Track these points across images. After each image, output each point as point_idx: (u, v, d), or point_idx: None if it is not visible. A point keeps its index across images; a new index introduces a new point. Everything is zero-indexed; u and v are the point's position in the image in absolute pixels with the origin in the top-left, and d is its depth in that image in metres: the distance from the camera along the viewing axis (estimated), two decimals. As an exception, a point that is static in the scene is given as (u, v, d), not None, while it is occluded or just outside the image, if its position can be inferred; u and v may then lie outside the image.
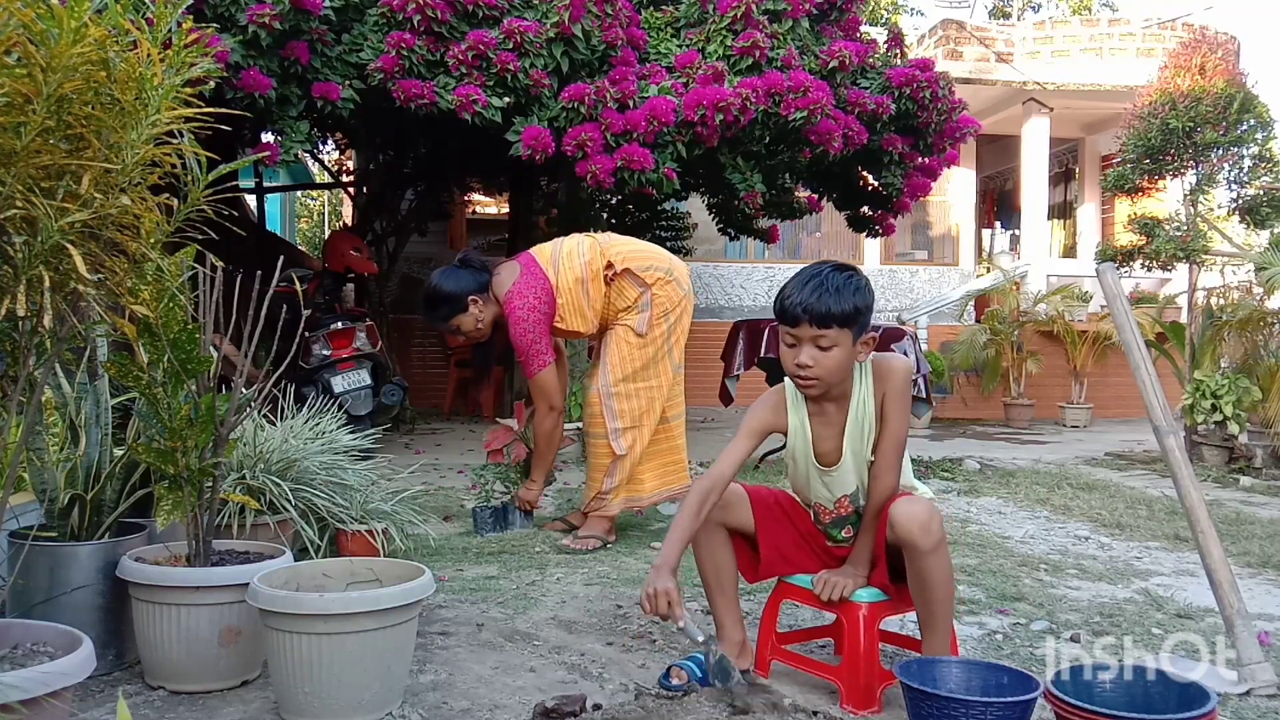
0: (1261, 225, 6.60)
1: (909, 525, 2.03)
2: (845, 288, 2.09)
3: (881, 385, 2.18)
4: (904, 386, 2.17)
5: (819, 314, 2.07)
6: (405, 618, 2.04)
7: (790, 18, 5.80)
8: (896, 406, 2.17)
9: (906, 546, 2.05)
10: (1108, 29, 11.08)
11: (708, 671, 2.13)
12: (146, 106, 1.68)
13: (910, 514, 2.05)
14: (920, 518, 2.03)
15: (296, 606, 1.96)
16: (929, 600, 2.10)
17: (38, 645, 1.70)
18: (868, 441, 2.19)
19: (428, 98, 5.07)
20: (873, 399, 2.18)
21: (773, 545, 2.31)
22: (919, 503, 2.10)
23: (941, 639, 2.13)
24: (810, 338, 2.09)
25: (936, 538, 2.03)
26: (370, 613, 1.97)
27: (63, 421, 2.35)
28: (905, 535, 2.04)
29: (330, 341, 6.16)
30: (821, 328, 2.08)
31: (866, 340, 2.14)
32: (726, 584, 2.32)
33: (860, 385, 2.20)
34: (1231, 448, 6.27)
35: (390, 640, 2.01)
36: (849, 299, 2.08)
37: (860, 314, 2.10)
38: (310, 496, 2.96)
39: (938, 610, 2.11)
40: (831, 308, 2.07)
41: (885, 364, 2.21)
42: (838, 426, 2.21)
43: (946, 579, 2.09)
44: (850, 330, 2.09)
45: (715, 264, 11.73)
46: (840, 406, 2.21)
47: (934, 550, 2.03)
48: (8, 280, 1.56)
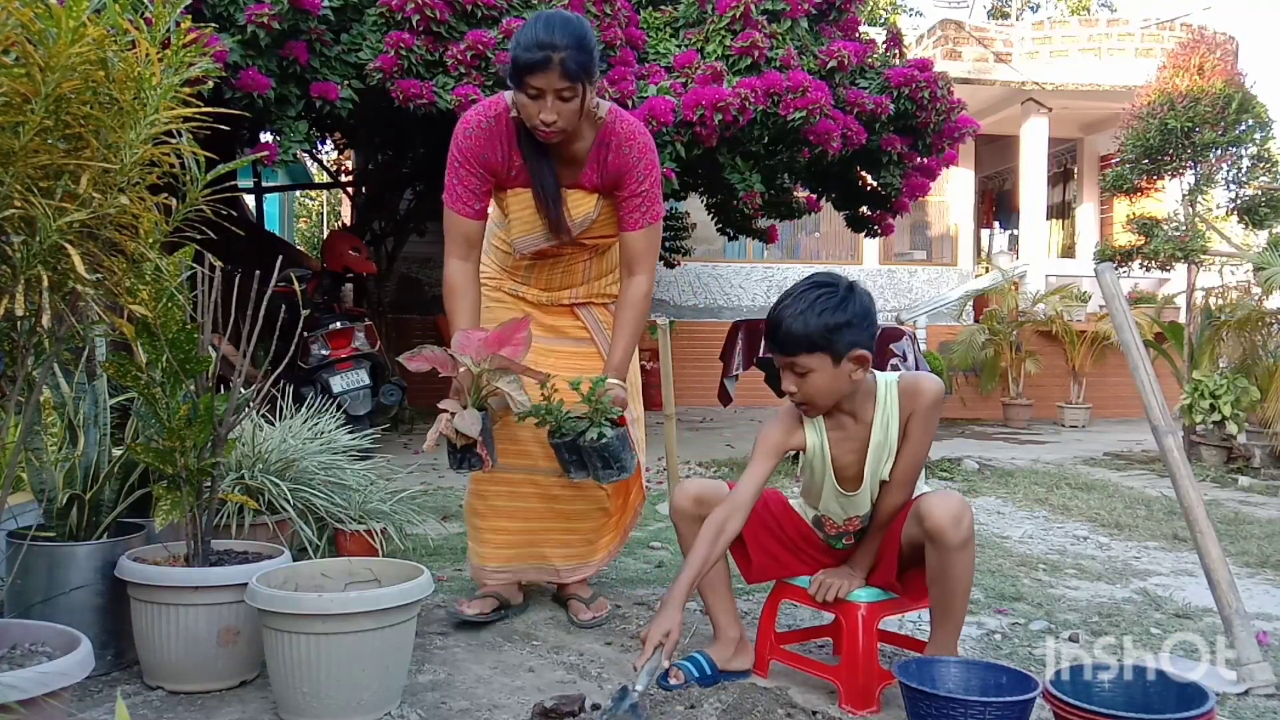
0: (1260, 225, 6.60)
1: (942, 517, 2.00)
2: (810, 310, 2.01)
3: (909, 405, 2.12)
4: (931, 409, 2.11)
5: (781, 343, 2.05)
6: (404, 618, 2.04)
7: (789, 18, 5.80)
8: (921, 428, 2.12)
9: (936, 539, 2.01)
10: (1106, 29, 11.09)
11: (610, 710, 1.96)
12: (145, 106, 1.68)
13: (945, 507, 2.01)
14: (954, 511, 2.01)
15: (295, 606, 1.96)
16: (948, 594, 2.08)
17: (36, 645, 1.70)
18: (886, 463, 2.15)
19: (426, 97, 5.07)
20: (897, 420, 2.12)
21: (762, 550, 2.30)
22: (952, 496, 2.06)
23: (952, 635, 2.13)
24: (785, 365, 2.07)
25: (966, 534, 2.01)
26: (369, 613, 1.96)
27: (61, 421, 2.35)
28: (936, 528, 2.00)
29: (329, 341, 6.16)
30: (789, 355, 2.04)
31: (855, 358, 2.04)
32: (718, 583, 2.32)
33: (884, 404, 2.13)
34: (1230, 447, 6.28)
35: (389, 640, 2.01)
36: (814, 321, 2.00)
37: (832, 333, 2.01)
38: (309, 496, 2.95)
39: (955, 606, 2.10)
40: (794, 334, 2.02)
41: (914, 384, 2.14)
42: (859, 443, 2.15)
43: (968, 576, 2.08)
44: (824, 354, 2.02)
45: (714, 264, 11.74)
46: (860, 423, 2.15)
47: (962, 546, 2.01)
48: (6, 280, 1.56)
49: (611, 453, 2.38)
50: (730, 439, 7.62)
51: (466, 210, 2.53)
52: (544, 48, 2.27)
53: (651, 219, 2.56)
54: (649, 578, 3.25)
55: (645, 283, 2.60)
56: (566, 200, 2.55)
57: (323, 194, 16.83)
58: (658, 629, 2.00)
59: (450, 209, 2.55)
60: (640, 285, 2.59)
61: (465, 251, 2.56)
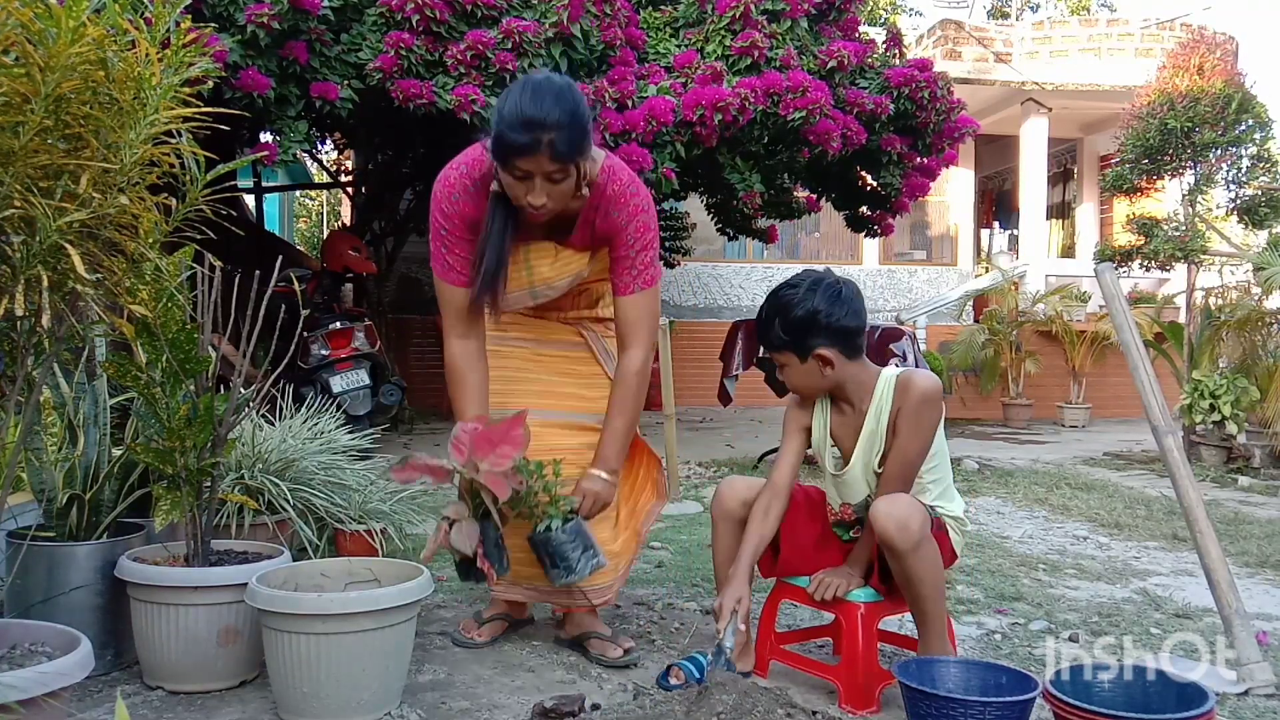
0: (1259, 225, 6.61)
1: (886, 524, 2.00)
2: (773, 311, 2.18)
3: (900, 401, 2.14)
4: (918, 405, 2.11)
5: (762, 337, 2.23)
6: (404, 618, 2.04)
7: (789, 18, 5.80)
8: (907, 425, 2.12)
9: (887, 548, 2.03)
10: (1106, 29, 11.09)
11: (704, 667, 2.14)
12: (145, 106, 1.68)
13: (887, 513, 2.01)
14: (899, 516, 2.00)
15: (295, 606, 1.96)
16: (916, 599, 2.09)
17: (36, 645, 1.70)
18: (877, 453, 2.18)
19: (426, 97, 5.06)
20: (889, 409, 2.16)
21: (795, 544, 2.30)
22: (899, 500, 2.05)
23: (937, 638, 2.13)
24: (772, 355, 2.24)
25: (916, 538, 1.99)
26: (369, 613, 1.96)
27: (61, 421, 2.35)
28: (882, 535, 2.01)
29: (329, 341, 6.16)
30: (769, 350, 2.23)
31: (818, 356, 2.15)
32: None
33: (879, 394, 2.18)
34: (1230, 447, 6.28)
35: (389, 640, 2.01)
36: (775, 324, 2.17)
37: (795, 334, 2.15)
38: (309, 496, 2.95)
39: (927, 607, 2.10)
40: (766, 332, 2.21)
41: (906, 380, 2.17)
42: (853, 430, 2.23)
43: (932, 576, 2.05)
44: (790, 352, 2.18)
45: (714, 264, 11.74)
46: (857, 410, 2.22)
47: (914, 550, 2.00)
48: (6, 280, 1.56)
49: (555, 549, 2.16)
50: (730, 439, 7.62)
51: (460, 280, 2.27)
52: (532, 128, 2.00)
53: (644, 284, 2.29)
54: (649, 578, 3.25)
55: (639, 358, 2.30)
56: (557, 256, 2.32)
57: (323, 194, 16.82)
58: (730, 597, 2.14)
59: (442, 280, 2.29)
60: (633, 360, 2.29)
61: (465, 328, 2.30)
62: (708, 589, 2.97)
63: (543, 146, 2.01)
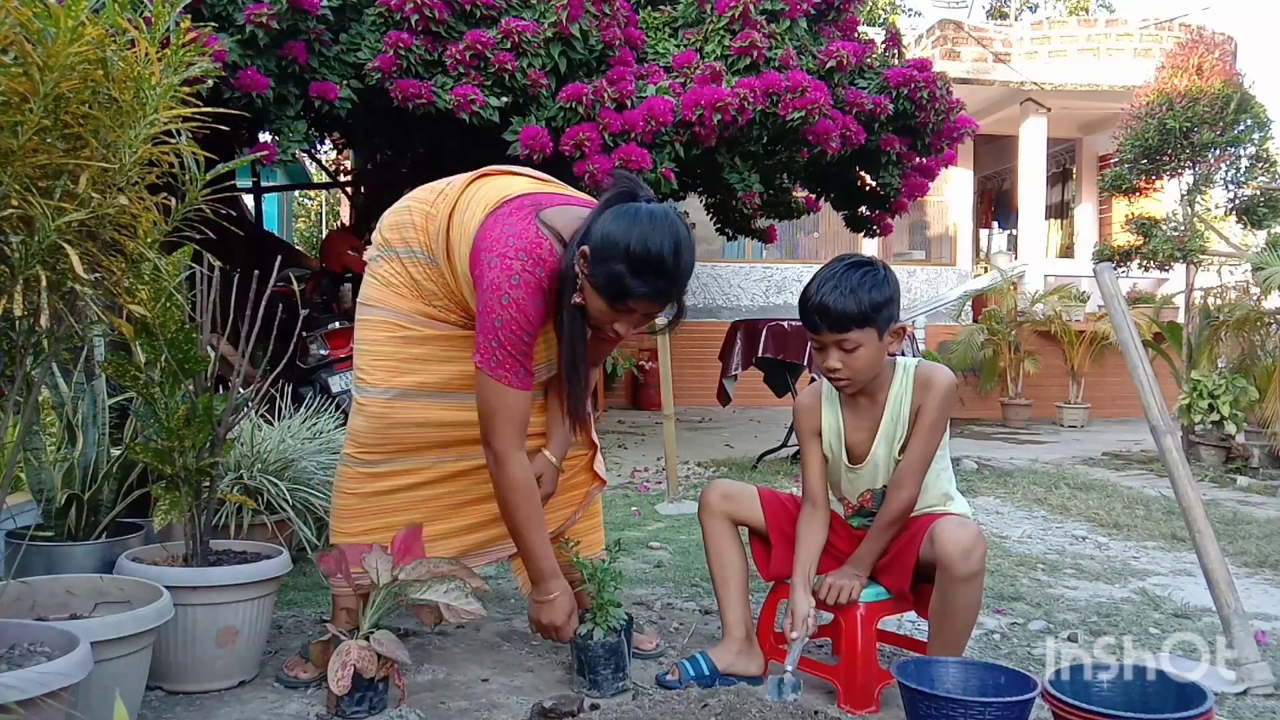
0: (1258, 225, 6.61)
1: (951, 549, 1.99)
2: (860, 286, 2.08)
3: (920, 396, 2.16)
4: (943, 402, 2.14)
5: (834, 319, 2.08)
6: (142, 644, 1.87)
7: (788, 18, 5.80)
8: (930, 421, 2.14)
9: (943, 567, 2.01)
10: (1105, 29, 11.09)
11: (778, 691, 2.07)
12: (144, 106, 1.67)
13: (956, 538, 2.01)
14: (965, 542, 2.00)
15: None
16: (947, 627, 2.08)
17: (35, 645, 1.69)
18: (899, 441, 2.18)
19: (425, 97, 5.06)
20: (909, 400, 2.16)
21: (786, 544, 2.30)
22: (969, 527, 2.06)
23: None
24: (833, 342, 2.11)
25: (975, 567, 2.00)
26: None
27: (60, 421, 2.35)
28: (945, 557, 2.00)
29: (328, 341, 6.15)
30: (840, 332, 2.09)
31: (895, 331, 2.13)
32: (732, 580, 2.32)
33: (898, 383, 2.18)
34: (1228, 447, 6.28)
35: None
36: (864, 297, 2.07)
37: (880, 309, 2.09)
38: (308, 496, 2.95)
39: (950, 640, 2.09)
40: (846, 311, 2.07)
41: (928, 375, 2.17)
42: (870, 421, 2.21)
43: (971, 610, 2.07)
44: (872, 328, 2.09)
45: (713, 264, 11.73)
46: (874, 401, 2.21)
47: (969, 579, 2.00)
48: (5, 280, 1.56)
49: (588, 659, 2.10)
50: (729, 439, 7.62)
51: (528, 384, 2.01)
52: (672, 283, 1.95)
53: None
54: (648, 578, 3.25)
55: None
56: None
57: (321, 194, 16.81)
58: (799, 613, 2.13)
59: (515, 388, 1.97)
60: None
61: (524, 440, 2.06)
62: (706, 589, 2.97)
63: (669, 300, 2.01)
